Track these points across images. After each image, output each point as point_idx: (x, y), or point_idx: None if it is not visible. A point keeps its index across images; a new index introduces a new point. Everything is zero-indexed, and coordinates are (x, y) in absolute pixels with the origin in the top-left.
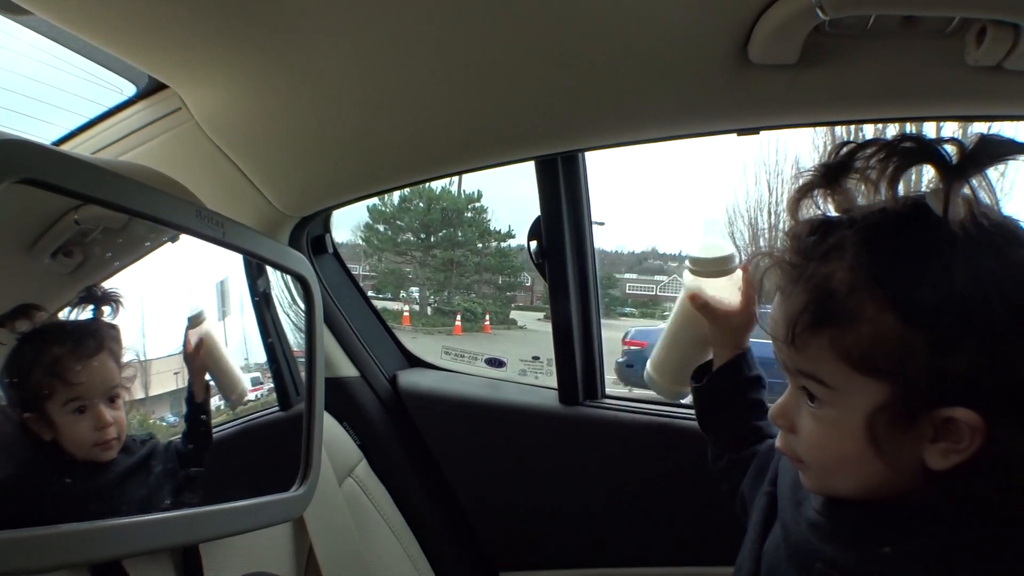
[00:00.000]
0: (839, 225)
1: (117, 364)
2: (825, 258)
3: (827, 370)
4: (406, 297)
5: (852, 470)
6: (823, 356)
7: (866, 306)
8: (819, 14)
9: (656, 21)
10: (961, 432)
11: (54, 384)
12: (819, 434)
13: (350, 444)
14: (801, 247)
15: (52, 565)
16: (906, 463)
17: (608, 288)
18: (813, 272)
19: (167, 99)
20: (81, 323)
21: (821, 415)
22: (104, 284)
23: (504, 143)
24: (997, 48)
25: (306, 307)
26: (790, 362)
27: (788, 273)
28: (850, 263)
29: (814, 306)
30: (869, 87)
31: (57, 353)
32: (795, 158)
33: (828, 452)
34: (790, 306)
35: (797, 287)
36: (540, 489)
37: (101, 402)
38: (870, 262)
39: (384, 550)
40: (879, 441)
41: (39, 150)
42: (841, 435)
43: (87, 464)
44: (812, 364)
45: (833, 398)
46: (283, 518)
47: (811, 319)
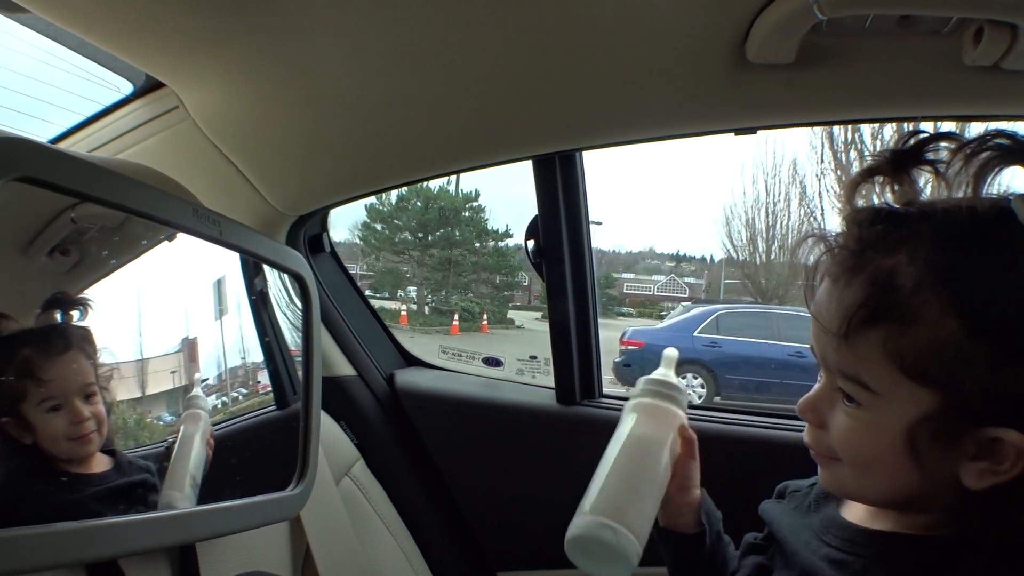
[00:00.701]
0: (910, 217)
1: (91, 362)
2: (891, 250)
3: (873, 372)
4: (403, 296)
5: (885, 475)
6: (872, 356)
7: (930, 307)
8: (816, 14)
9: (653, 21)
10: (1005, 454)
11: (26, 384)
12: (855, 433)
13: (347, 443)
14: (863, 235)
15: (48, 564)
16: (941, 477)
17: (605, 288)
18: (877, 263)
19: (164, 97)
20: (49, 325)
21: (858, 415)
22: (94, 284)
23: (501, 142)
24: (994, 48)
25: (303, 306)
26: (833, 360)
27: (845, 260)
28: (919, 259)
29: (874, 300)
30: (866, 87)
31: (26, 354)
32: (792, 158)
33: (863, 453)
34: (847, 297)
35: (856, 277)
36: (537, 489)
37: (77, 398)
38: (942, 261)
39: (381, 549)
40: (918, 453)
41: (37, 148)
42: (878, 440)
43: (73, 470)
44: (858, 364)
45: (874, 402)
46: (280, 517)
47: (868, 313)
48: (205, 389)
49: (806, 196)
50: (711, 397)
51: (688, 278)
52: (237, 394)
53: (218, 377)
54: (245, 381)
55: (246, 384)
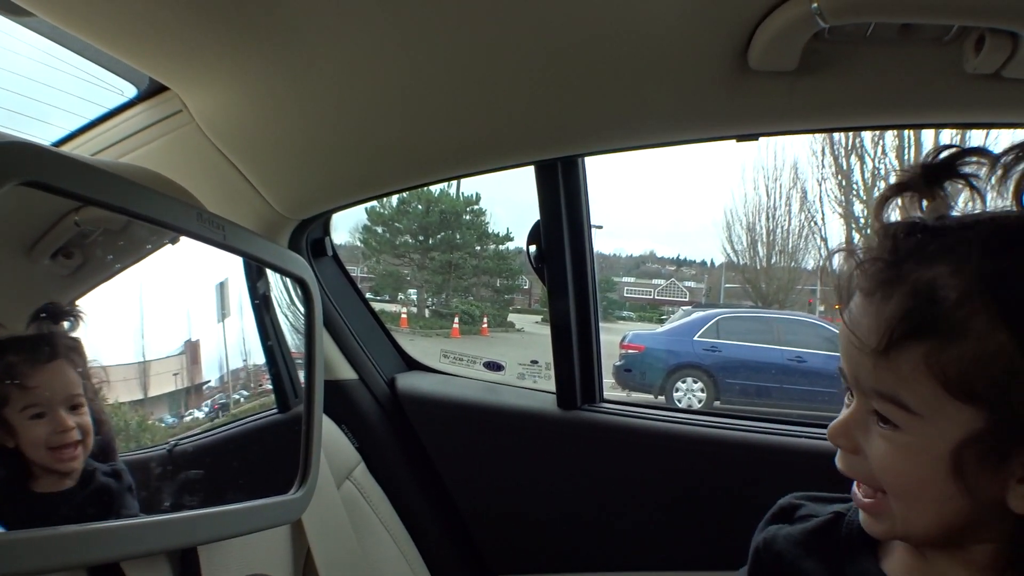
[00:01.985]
0: (948, 228)
1: (78, 373)
2: (931, 261)
3: (913, 392)
4: (404, 299)
5: (932, 503)
6: (913, 374)
7: (977, 319)
8: (819, 21)
9: (656, 27)
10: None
11: (9, 390)
12: (894, 459)
13: (348, 447)
14: (899, 247)
15: (50, 567)
16: (990, 503)
17: (606, 292)
18: (917, 275)
19: (168, 101)
20: (36, 333)
21: (896, 439)
22: (97, 287)
23: (504, 148)
24: (995, 56)
25: (305, 310)
26: (869, 379)
27: (880, 273)
28: (964, 269)
29: (915, 313)
30: (868, 94)
31: (11, 360)
32: (793, 163)
33: (904, 481)
34: (886, 310)
35: (895, 290)
36: (538, 493)
37: (61, 408)
38: (989, 270)
39: (382, 553)
40: (965, 476)
41: (41, 152)
42: (921, 464)
43: (51, 482)
44: (896, 383)
45: (915, 424)
46: (281, 521)
47: (909, 327)
48: (207, 391)
49: (807, 201)
50: (711, 401)
51: (688, 282)
52: (239, 396)
53: (220, 379)
54: (247, 384)
55: (248, 387)
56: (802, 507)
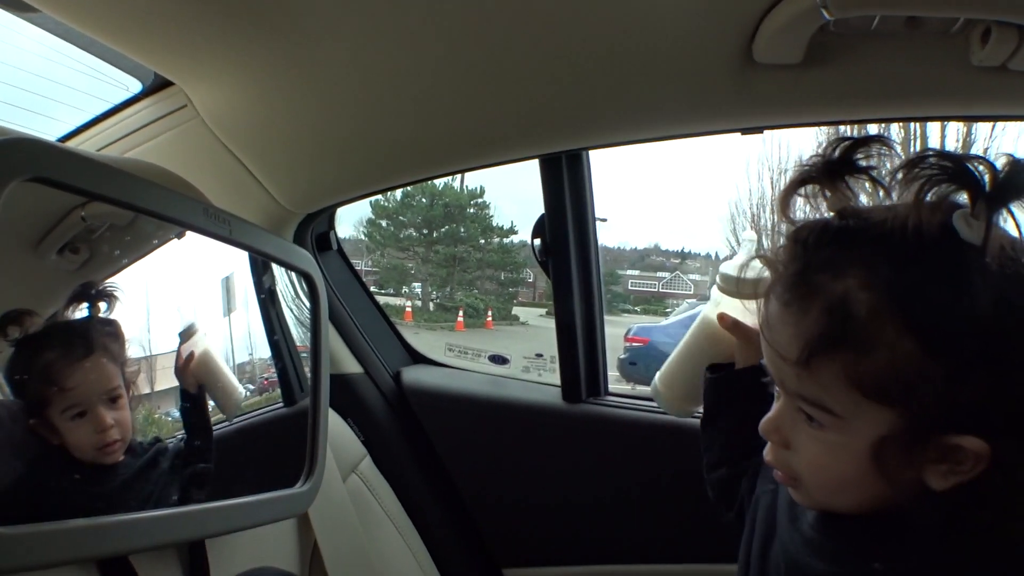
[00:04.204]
0: (854, 236)
1: (115, 363)
2: (839, 273)
3: (834, 397)
4: (408, 293)
5: (853, 490)
6: (832, 383)
7: (885, 331)
8: (824, 14)
9: (661, 20)
10: (965, 457)
11: (49, 392)
12: (819, 455)
13: (354, 440)
14: (811, 258)
15: (60, 560)
16: (907, 483)
17: (611, 285)
18: (829, 290)
19: (173, 96)
20: (71, 325)
21: (822, 437)
22: (105, 280)
23: (509, 141)
24: (1002, 48)
25: (311, 304)
26: (792, 385)
27: (795, 286)
28: (871, 283)
29: (831, 329)
30: (873, 87)
31: (48, 359)
32: (799, 155)
33: (829, 473)
34: (804, 325)
35: (809, 304)
36: (543, 486)
37: (101, 404)
38: (895, 284)
39: (388, 546)
40: (884, 466)
41: (48, 148)
42: (845, 459)
43: (94, 467)
44: (819, 391)
45: (837, 424)
46: (288, 514)
47: (827, 343)
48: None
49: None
50: None
51: (693, 275)
52: (245, 390)
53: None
54: (253, 378)
55: (254, 380)
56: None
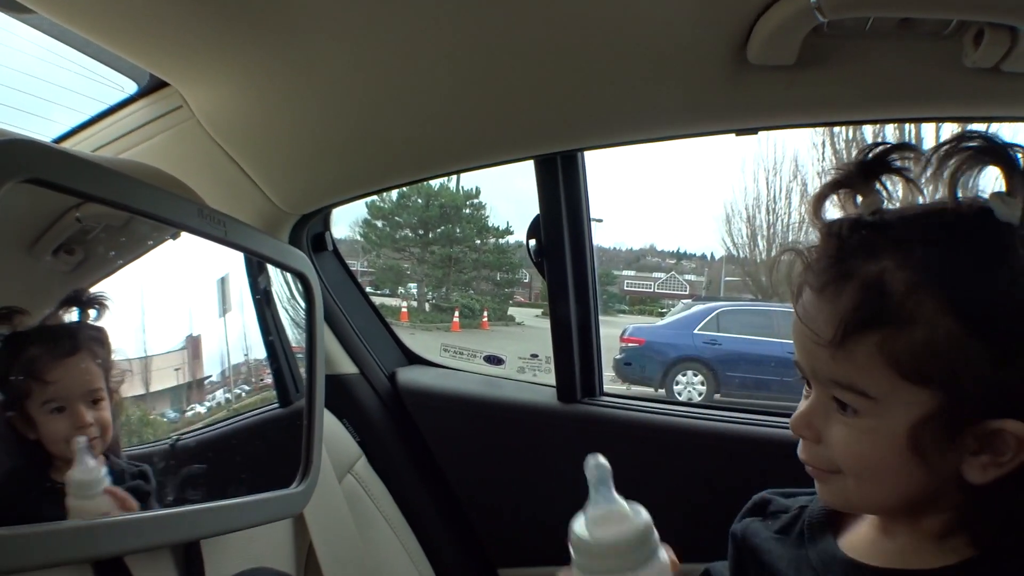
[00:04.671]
0: (889, 223)
1: (99, 367)
2: (876, 255)
3: (870, 378)
4: (404, 293)
5: (891, 480)
6: (868, 362)
7: (924, 308)
8: (818, 16)
9: (655, 22)
10: (1006, 445)
11: (30, 384)
12: (855, 443)
13: (349, 441)
14: (845, 244)
15: (55, 561)
16: (946, 475)
17: (606, 285)
18: (864, 270)
19: (168, 97)
20: (59, 325)
21: (856, 424)
22: (99, 283)
23: (504, 142)
24: (994, 50)
25: (307, 305)
26: (825, 370)
27: (828, 270)
28: (910, 262)
29: (867, 304)
30: (867, 88)
31: (33, 353)
32: (793, 155)
33: (864, 462)
34: (838, 304)
35: (845, 285)
36: (538, 486)
37: (81, 403)
38: (933, 261)
39: (383, 546)
40: (923, 452)
41: (44, 149)
42: (880, 445)
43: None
44: (853, 372)
45: (872, 408)
46: (284, 515)
47: (862, 318)
48: (209, 386)
49: (807, 193)
50: (711, 395)
51: (689, 275)
52: (240, 391)
53: (221, 374)
54: (248, 378)
55: (249, 381)
56: (772, 502)
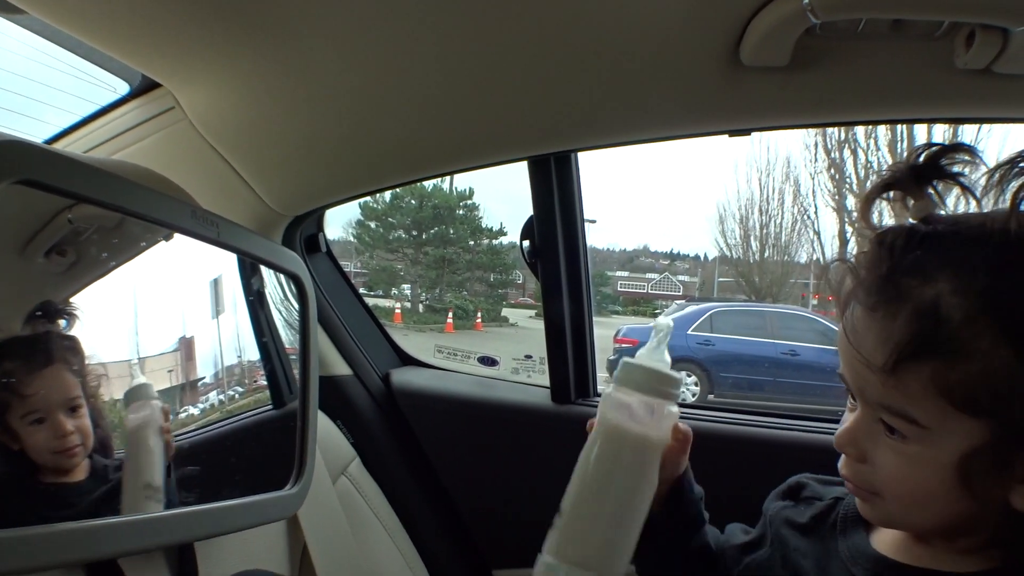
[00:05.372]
0: (944, 239)
1: (75, 375)
2: (930, 276)
3: (921, 407)
4: (398, 294)
5: (936, 508)
6: (920, 392)
7: (981, 339)
8: (810, 17)
9: (648, 23)
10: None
11: (8, 397)
12: (901, 468)
13: (343, 442)
14: (899, 262)
15: (47, 564)
16: (992, 503)
17: (600, 286)
18: (919, 294)
19: (160, 98)
20: (31, 336)
21: (905, 450)
22: (91, 285)
23: (497, 143)
24: (986, 51)
25: (300, 306)
26: (874, 393)
27: (882, 290)
28: (966, 288)
29: (922, 334)
30: (860, 89)
31: (8, 367)
32: (786, 156)
33: (912, 488)
34: (893, 331)
35: (898, 308)
36: (532, 486)
37: (60, 412)
38: (991, 289)
39: (378, 548)
40: (971, 483)
41: (36, 151)
42: (929, 473)
43: (57, 480)
44: (904, 400)
45: (922, 436)
46: (278, 516)
47: (916, 348)
48: (203, 387)
49: (800, 194)
50: (705, 395)
51: (682, 276)
52: (234, 392)
53: (215, 375)
54: (241, 380)
55: (242, 383)
56: (807, 487)
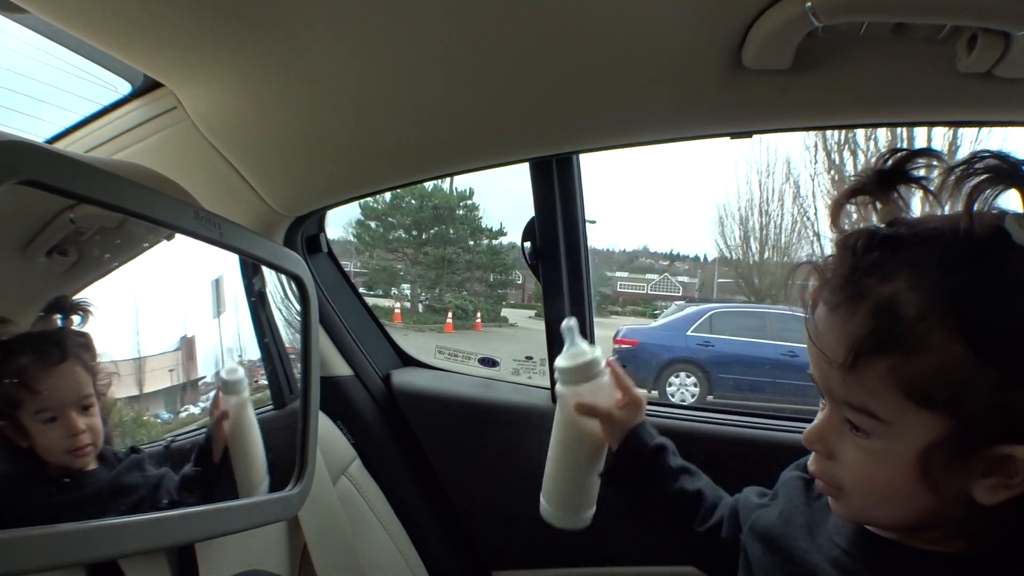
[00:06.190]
0: (904, 240)
1: (88, 372)
2: (889, 276)
3: (881, 402)
4: (397, 294)
5: (900, 502)
6: (880, 386)
7: (935, 333)
8: (812, 20)
9: (651, 26)
10: (1016, 468)
11: (21, 393)
12: (866, 465)
13: (344, 443)
14: (859, 262)
15: (48, 565)
16: (954, 497)
17: (599, 287)
18: (877, 292)
19: (162, 98)
20: (46, 332)
21: (868, 446)
22: (93, 285)
23: (499, 145)
24: (987, 55)
25: (301, 307)
26: (838, 390)
27: (841, 288)
28: (921, 285)
29: (879, 330)
30: (861, 92)
31: (22, 363)
32: (786, 158)
33: (876, 484)
34: (850, 327)
35: (857, 306)
36: (532, 488)
37: (73, 410)
38: (944, 286)
39: (378, 548)
40: (932, 477)
41: (39, 152)
42: (891, 468)
43: (66, 473)
44: (865, 395)
45: (883, 431)
46: (278, 517)
47: (873, 344)
48: (203, 387)
49: (800, 196)
50: (704, 396)
51: (682, 277)
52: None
53: (216, 375)
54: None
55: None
56: None
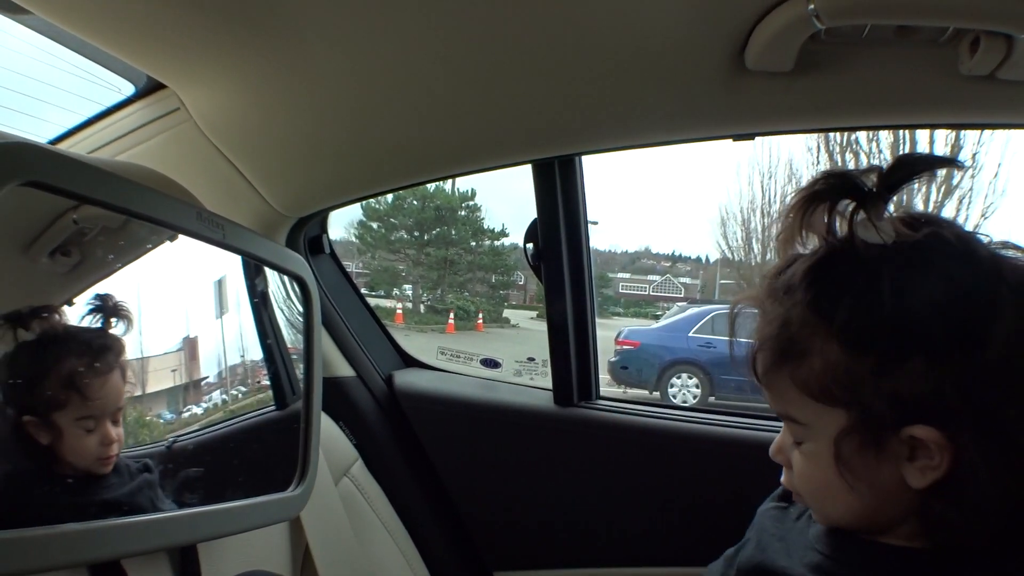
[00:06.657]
0: (807, 259)
1: (125, 381)
2: (782, 297)
3: (795, 407)
4: (399, 295)
5: (837, 498)
6: (788, 392)
7: (815, 339)
8: (815, 22)
9: (653, 27)
10: (929, 448)
11: (71, 396)
12: (805, 467)
13: (346, 444)
14: (768, 288)
15: (51, 565)
16: (889, 486)
17: (601, 288)
18: (775, 311)
19: (165, 99)
20: (101, 336)
21: (803, 449)
22: (96, 285)
23: (501, 147)
24: (990, 58)
25: (304, 308)
26: (770, 403)
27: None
28: (799, 299)
29: (772, 343)
30: (864, 95)
31: (77, 365)
32: (788, 159)
33: (813, 484)
34: (754, 345)
35: (764, 327)
36: (534, 489)
37: (108, 421)
38: (813, 295)
39: (379, 549)
40: (850, 466)
41: (42, 153)
42: (823, 466)
43: (82, 475)
44: (784, 402)
45: (807, 433)
46: (280, 518)
47: (771, 356)
48: (206, 387)
49: None
50: (705, 398)
51: (683, 278)
52: (237, 392)
53: (218, 375)
54: (244, 379)
55: (246, 383)
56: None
